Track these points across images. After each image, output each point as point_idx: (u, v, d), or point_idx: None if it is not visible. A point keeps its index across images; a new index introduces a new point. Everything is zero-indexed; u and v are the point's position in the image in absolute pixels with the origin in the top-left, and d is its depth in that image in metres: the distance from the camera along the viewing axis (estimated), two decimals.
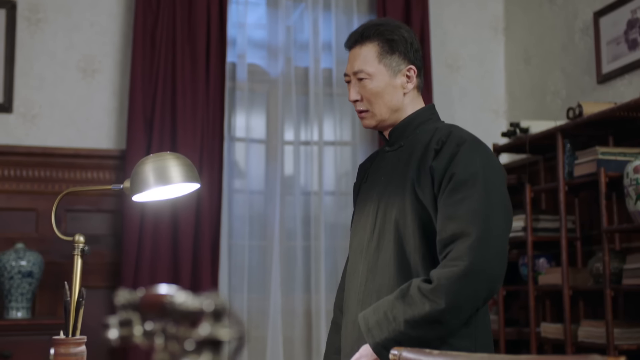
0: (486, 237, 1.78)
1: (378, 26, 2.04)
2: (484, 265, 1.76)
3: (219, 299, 0.79)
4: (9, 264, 3.53)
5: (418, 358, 1.50)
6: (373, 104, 2.01)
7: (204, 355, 0.77)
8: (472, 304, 1.79)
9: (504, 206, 1.86)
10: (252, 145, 4.26)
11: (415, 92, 2.05)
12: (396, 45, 2.00)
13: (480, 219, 1.79)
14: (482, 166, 1.85)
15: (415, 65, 2.02)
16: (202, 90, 4.02)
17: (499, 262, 1.80)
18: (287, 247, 4.21)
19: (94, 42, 4.08)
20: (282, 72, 4.28)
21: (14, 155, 3.88)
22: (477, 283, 1.77)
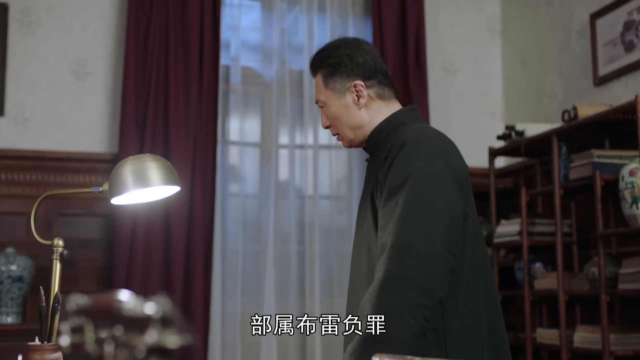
0: (406, 241, 1.71)
1: (319, 54, 2.06)
2: (402, 270, 1.69)
3: (168, 305, 0.76)
4: None
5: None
6: (337, 127, 2.03)
7: None
8: (407, 311, 1.67)
9: (437, 210, 1.76)
10: (246, 149, 4.23)
11: (379, 101, 2.01)
12: (336, 67, 2.00)
13: (400, 224, 1.73)
14: (418, 168, 1.78)
15: (363, 77, 1.99)
16: (195, 93, 3.98)
17: (425, 263, 1.70)
18: (282, 251, 4.18)
19: (86, 45, 4.05)
20: (276, 75, 4.25)
21: (6, 159, 3.85)
22: (400, 290, 1.68)
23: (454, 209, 1.79)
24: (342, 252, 4.23)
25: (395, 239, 1.72)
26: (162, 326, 0.74)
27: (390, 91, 2.04)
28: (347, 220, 4.29)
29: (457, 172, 1.82)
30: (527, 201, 3.71)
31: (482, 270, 1.88)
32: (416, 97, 4.29)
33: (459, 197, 1.81)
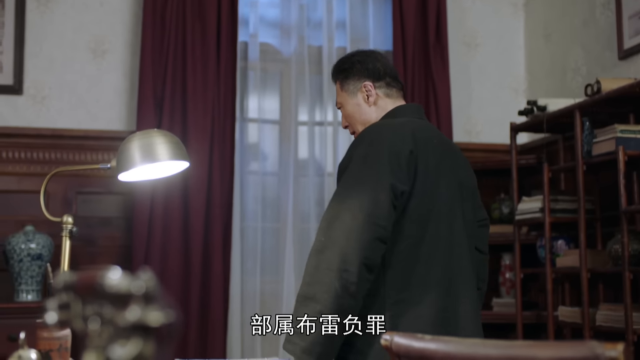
0: (333, 215, 1.95)
1: (337, 64, 2.38)
2: (327, 240, 1.91)
3: (151, 281, 0.73)
4: (18, 246, 3.51)
5: (410, 343, 1.43)
6: (352, 125, 2.32)
7: (132, 341, 0.70)
8: (331, 274, 1.88)
9: (363, 184, 1.98)
10: (265, 126, 4.20)
11: (386, 99, 2.28)
12: (349, 73, 2.30)
13: (333, 200, 2.00)
14: (357, 153, 2.04)
15: (373, 78, 2.27)
16: (213, 70, 3.95)
17: (347, 233, 1.91)
18: (301, 229, 4.15)
19: (103, 22, 4.03)
20: (295, 52, 4.20)
21: (24, 137, 3.85)
22: (325, 256, 1.89)
23: (381, 186, 1.97)
24: None
25: (326, 213, 1.99)
26: (145, 303, 0.71)
27: (398, 92, 2.31)
28: None
29: (398, 155, 2.01)
30: (549, 177, 3.65)
31: (444, 249, 2.07)
32: (437, 72, 4.23)
33: (391, 177, 1.99)
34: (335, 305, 1.88)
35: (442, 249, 2.07)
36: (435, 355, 1.36)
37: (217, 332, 3.81)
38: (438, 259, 2.06)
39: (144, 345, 0.70)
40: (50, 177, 1.85)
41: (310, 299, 1.90)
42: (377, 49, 4.29)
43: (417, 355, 1.40)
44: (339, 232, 1.92)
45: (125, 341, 0.70)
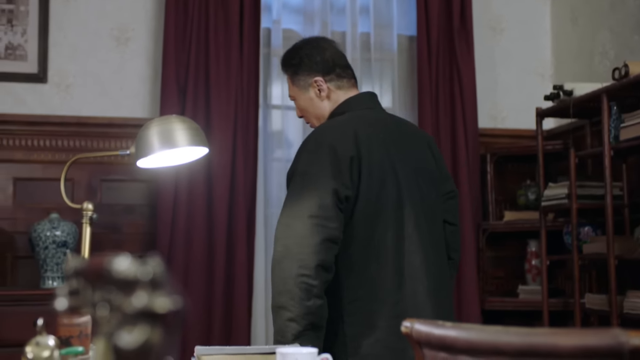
0: (284, 223, 2.04)
1: (284, 56, 2.41)
2: (282, 249, 2.02)
3: (158, 266, 0.71)
4: (43, 234, 3.53)
5: (430, 330, 1.41)
6: (306, 117, 2.39)
7: (139, 327, 0.69)
8: (291, 282, 1.99)
9: (307, 191, 2.05)
10: (288, 113, 4.18)
11: (338, 92, 2.32)
12: (298, 68, 2.33)
13: (283, 210, 2.08)
14: (302, 160, 2.14)
15: (323, 73, 2.31)
16: (235, 57, 3.94)
17: (299, 239, 2.00)
18: None
19: (126, 10, 4.03)
20: None
21: (49, 125, 3.87)
22: (283, 266, 2.01)
23: (325, 192, 2.04)
24: None
25: (278, 223, 2.07)
26: (152, 289, 0.70)
27: (349, 82, 2.34)
28: None
29: (340, 163, 2.07)
30: (575, 163, 3.60)
31: (393, 247, 2.12)
32: (462, 58, 4.18)
33: (334, 183, 2.05)
34: (303, 308, 1.99)
35: (391, 247, 2.12)
36: (456, 342, 1.34)
37: (241, 319, 3.81)
38: (388, 258, 2.12)
39: (151, 332, 0.68)
40: (70, 165, 1.85)
41: (281, 308, 2.01)
42: (402, 34, 4.27)
43: (437, 342, 1.38)
44: (292, 240, 2.01)
45: (132, 328, 0.69)
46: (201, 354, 1.80)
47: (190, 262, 3.79)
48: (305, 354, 1.53)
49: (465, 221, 4.06)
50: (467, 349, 1.33)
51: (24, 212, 3.82)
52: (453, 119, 4.18)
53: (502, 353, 1.27)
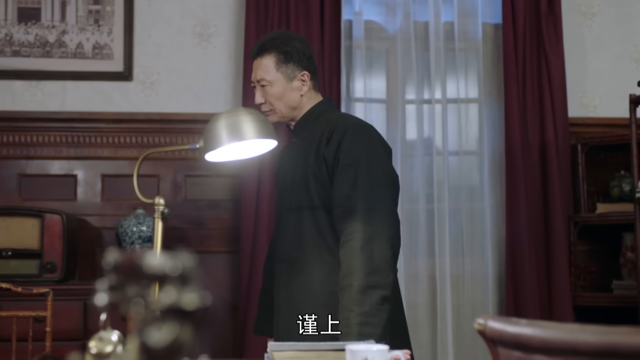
0: (372, 207, 2.14)
1: (274, 40, 2.42)
2: (376, 229, 2.12)
3: (188, 261, 0.68)
4: (130, 229, 3.59)
5: (504, 327, 1.34)
6: (274, 105, 2.38)
7: (168, 325, 0.66)
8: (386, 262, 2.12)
9: (386, 179, 2.24)
10: (371, 106, 4.13)
11: (312, 91, 2.46)
12: (290, 56, 2.40)
13: (366, 194, 2.16)
14: (364, 148, 2.23)
15: (309, 70, 2.43)
16: (317, 50, 3.91)
17: (389, 224, 2.16)
18: (409, 210, 4.06)
19: (208, 6, 4.06)
20: (400, 28, 4.11)
21: (135, 122, 3.94)
22: (377, 244, 2.11)
23: (393, 176, 2.31)
24: (472, 210, 4.07)
25: (364, 205, 2.14)
26: (181, 284, 0.66)
27: (318, 86, 2.51)
28: (478, 176, 4.12)
29: (385, 147, 2.35)
30: None
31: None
32: (550, 45, 4.04)
33: (392, 167, 2.33)
34: (391, 291, 2.14)
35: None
36: (531, 340, 1.27)
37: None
38: None
39: (181, 330, 0.65)
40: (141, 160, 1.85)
41: (375, 287, 2.09)
42: (487, 22, 4.16)
43: (511, 340, 1.31)
44: (384, 221, 2.15)
45: (161, 325, 0.65)
46: (273, 350, 1.78)
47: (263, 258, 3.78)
48: (376, 352, 1.48)
49: (556, 214, 3.92)
50: (542, 348, 1.25)
51: (111, 208, 3.90)
52: (541, 108, 4.05)
53: (579, 353, 1.19)
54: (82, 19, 3.98)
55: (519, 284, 3.91)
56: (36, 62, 3.96)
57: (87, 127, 3.93)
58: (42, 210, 3.57)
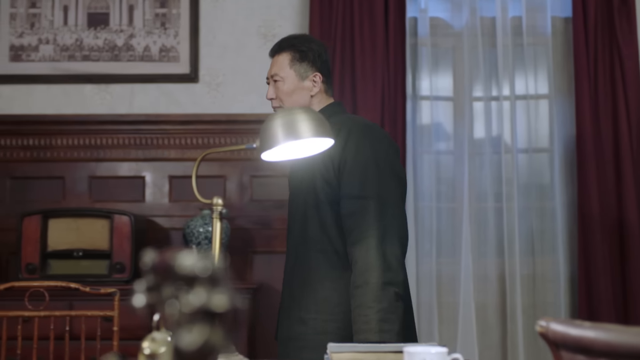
0: (383, 207, 2.20)
1: (293, 39, 2.49)
2: (387, 229, 2.19)
3: (218, 261, 0.66)
4: (196, 229, 3.62)
5: (566, 330, 1.29)
6: (284, 101, 2.44)
7: (198, 327, 0.64)
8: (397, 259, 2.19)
9: (395, 179, 2.29)
10: (437, 104, 4.07)
11: (324, 95, 2.47)
12: (305, 56, 2.43)
13: (376, 194, 2.21)
14: (373, 148, 2.28)
15: (322, 73, 2.44)
16: (381, 48, 3.87)
17: (399, 220, 2.25)
18: (478, 208, 3.99)
19: (273, 7, 4.07)
20: (467, 24, 4.04)
21: (201, 123, 3.97)
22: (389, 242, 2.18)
23: (401, 176, 2.36)
24: (543, 209, 3.97)
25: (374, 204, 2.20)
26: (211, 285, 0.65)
27: (332, 91, 2.52)
28: (549, 174, 4.02)
29: (393, 147, 2.40)
30: None
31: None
32: (623, 38, 3.91)
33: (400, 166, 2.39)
34: (403, 285, 2.21)
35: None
36: (594, 344, 1.22)
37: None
38: None
39: (211, 332, 0.63)
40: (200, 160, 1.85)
41: (392, 284, 2.15)
42: (556, 16, 4.05)
43: (573, 343, 1.26)
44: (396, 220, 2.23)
45: (191, 327, 0.64)
46: (332, 351, 1.76)
47: None
48: (435, 354, 1.45)
49: (630, 212, 3.81)
50: (607, 352, 1.20)
51: (179, 209, 3.94)
52: (614, 103, 3.92)
53: None
54: (149, 22, 4.04)
55: (592, 284, 3.79)
56: (105, 66, 4.03)
57: (155, 129, 3.98)
58: (111, 211, 3.63)
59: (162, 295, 0.75)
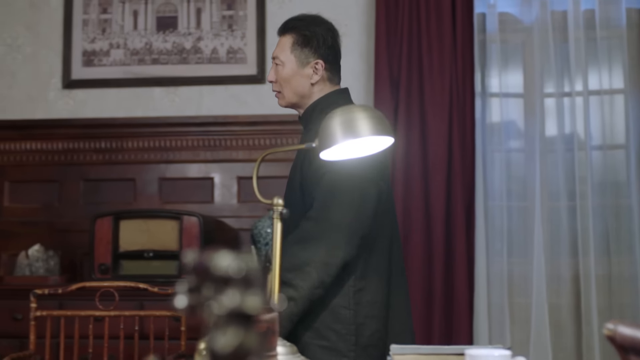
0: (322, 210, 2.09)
1: (298, 21, 2.39)
2: (314, 232, 2.09)
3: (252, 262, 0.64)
4: (264, 230, 3.63)
5: (635, 334, 1.24)
6: (283, 87, 2.33)
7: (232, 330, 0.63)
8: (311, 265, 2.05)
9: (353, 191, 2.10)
10: (508, 101, 3.99)
11: (327, 83, 2.32)
12: (308, 41, 2.31)
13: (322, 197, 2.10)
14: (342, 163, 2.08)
15: (325, 60, 2.31)
16: (449, 45, 3.82)
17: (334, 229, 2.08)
18: (550, 207, 3.90)
19: (339, 7, 4.05)
20: (537, 19, 3.94)
21: (268, 124, 3.99)
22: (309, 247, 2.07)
23: (366, 185, 2.12)
24: (618, 207, 3.85)
25: (315, 208, 2.10)
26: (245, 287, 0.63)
27: (338, 79, 2.37)
28: (625, 171, 3.89)
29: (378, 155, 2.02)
30: None
31: (387, 240, 2.23)
32: None
33: (375, 175, 2.16)
34: (309, 294, 2.05)
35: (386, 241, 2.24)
36: None
37: (462, 316, 3.68)
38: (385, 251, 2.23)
39: (246, 335, 0.62)
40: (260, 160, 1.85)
41: (290, 286, 2.02)
42: (631, 7, 3.93)
43: None
44: (327, 226, 2.08)
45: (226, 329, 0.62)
46: (395, 353, 1.73)
47: (408, 257, 3.73)
48: (497, 357, 1.40)
49: None
50: None
51: (247, 210, 3.96)
52: None
53: None
54: (216, 24, 4.07)
55: None
56: (174, 69, 4.08)
57: (223, 130, 4.01)
58: (180, 212, 3.67)
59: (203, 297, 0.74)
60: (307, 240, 2.06)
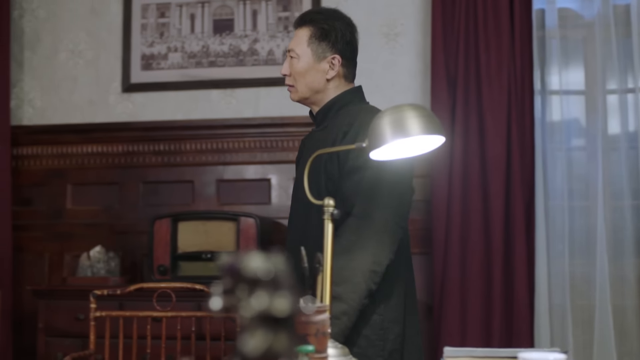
0: (364, 214, 2.04)
1: (317, 14, 2.32)
2: (358, 240, 2.02)
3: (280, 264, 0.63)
4: None
5: None
6: (297, 81, 2.27)
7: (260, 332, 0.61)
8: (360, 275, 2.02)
9: (392, 188, 2.07)
10: (568, 98, 3.90)
11: (342, 80, 2.30)
12: (326, 34, 2.25)
13: (362, 198, 2.05)
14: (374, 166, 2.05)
15: (343, 56, 2.27)
16: (507, 43, 3.75)
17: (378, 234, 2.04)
18: (613, 207, 3.80)
19: (394, 5, 4.02)
20: (598, 14, 3.85)
21: None
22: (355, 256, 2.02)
23: (406, 186, 2.12)
24: None
25: (356, 211, 2.04)
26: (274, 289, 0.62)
27: (353, 76, 2.35)
28: None
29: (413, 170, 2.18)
30: None
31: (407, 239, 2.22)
32: None
33: (411, 175, 2.15)
34: (359, 305, 2.00)
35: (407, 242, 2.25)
36: None
37: (522, 319, 3.62)
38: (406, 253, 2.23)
39: (275, 338, 0.60)
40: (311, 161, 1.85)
41: (338, 299, 1.95)
42: None
43: None
44: (370, 232, 2.02)
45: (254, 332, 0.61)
46: (449, 356, 1.70)
47: (466, 258, 3.68)
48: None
49: None
50: None
51: None
52: None
53: None
54: (272, 26, 4.08)
55: None
56: (231, 71, 4.11)
57: (279, 131, 4.02)
58: (237, 214, 3.69)
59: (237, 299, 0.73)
60: (352, 251, 2.01)
